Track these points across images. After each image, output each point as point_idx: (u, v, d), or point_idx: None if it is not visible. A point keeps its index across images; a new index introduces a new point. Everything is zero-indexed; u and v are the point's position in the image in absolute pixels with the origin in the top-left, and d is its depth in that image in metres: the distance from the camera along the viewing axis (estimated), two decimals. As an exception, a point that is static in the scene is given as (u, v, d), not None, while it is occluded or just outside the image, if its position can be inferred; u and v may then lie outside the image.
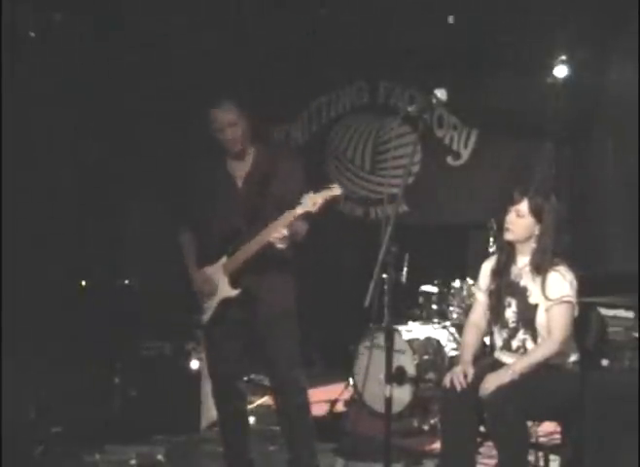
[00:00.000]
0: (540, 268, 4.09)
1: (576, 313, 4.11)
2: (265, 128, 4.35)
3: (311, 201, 4.05)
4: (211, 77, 7.10)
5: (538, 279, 4.09)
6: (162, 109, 7.02)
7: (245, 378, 5.89)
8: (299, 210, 4.08)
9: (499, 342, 4.24)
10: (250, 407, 5.55)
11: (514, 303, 4.16)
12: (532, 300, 4.10)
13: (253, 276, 4.29)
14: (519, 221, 4.13)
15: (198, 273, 4.40)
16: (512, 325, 4.17)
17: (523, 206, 4.13)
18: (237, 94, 4.37)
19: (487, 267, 4.33)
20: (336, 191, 4.06)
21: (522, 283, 4.15)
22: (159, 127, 7.05)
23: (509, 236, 4.17)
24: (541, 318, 4.08)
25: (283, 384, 4.44)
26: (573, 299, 4.06)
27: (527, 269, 4.15)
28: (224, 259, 4.33)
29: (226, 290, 4.32)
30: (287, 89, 7.37)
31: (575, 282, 4.08)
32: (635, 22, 5.81)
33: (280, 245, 4.16)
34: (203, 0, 6.74)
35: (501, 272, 4.22)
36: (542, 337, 4.09)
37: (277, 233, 4.13)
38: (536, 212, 4.11)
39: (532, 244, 4.14)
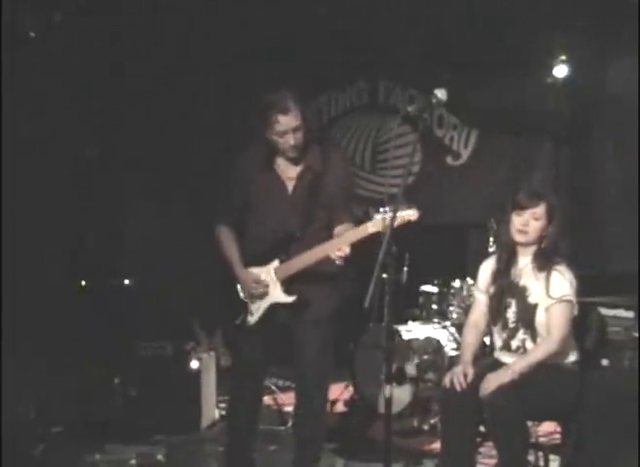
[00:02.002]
0: (544, 267, 4.08)
1: (575, 312, 4.11)
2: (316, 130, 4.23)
3: (384, 223, 3.84)
4: (211, 76, 7.12)
5: (540, 278, 4.08)
6: (163, 109, 7.03)
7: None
8: (370, 229, 3.96)
9: (499, 343, 4.24)
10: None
11: (513, 303, 4.16)
12: (532, 299, 4.10)
13: (306, 284, 4.24)
14: (536, 224, 4.10)
15: (246, 273, 4.31)
16: (511, 325, 4.16)
17: (541, 209, 4.10)
18: (299, 96, 4.23)
19: (486, 267, 4.32)
20: (413, 216, 3.85)
21: (522, 283, 4.14)
22: (160, 127, 7.06)
23: (522, 239, 4.13)
24: (540, 318, 4.07)
25: (311, 388, 4.42)
26: (572, 298, 4.06)
27: (527, 268, 4.14)
28: (275, 263, 4.25)
29: (279, 295, 4.26)
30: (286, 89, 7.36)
31: (574, 281, 4.07)
32: (635, 22, 5.81)
33: (339, 262, 4.11)
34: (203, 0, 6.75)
35: (502, 273, 4.21)
36: (541, 336, 4.09)
37: (341, 251, 4.05)
38: (551, 214, 4.11)
39: (536, 245, 4.14)
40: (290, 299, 4.25)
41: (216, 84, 7.16)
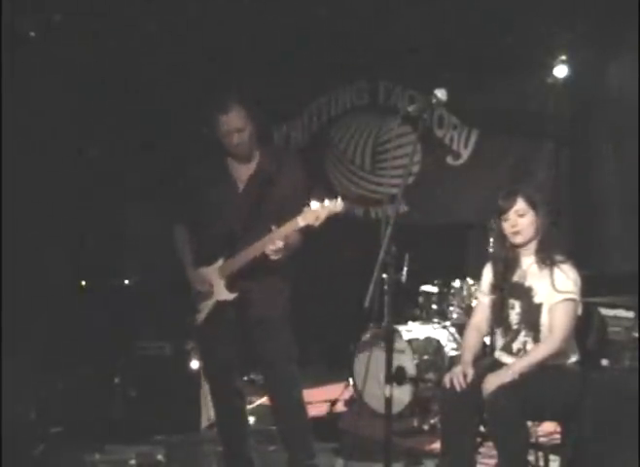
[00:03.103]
0: (545, 260, 4.08)
1: (580, 312, 4.10)
2: (268, 132, 4.31)
3: (314, 215, 4.00)
4: (211, 76, 7.12)
5: (544, 276, 4.07)
6: (164, 109, 7.03)
7: (245, 378, 5.92)
8: (300, 222, 4.05)
9: (500, 344, 4.24)
10: (250, 407, 5.56)
11: (517, 304, 4.15)
12: (537, 299, 4.09)
13: (248, 281, 4.29)
14: (523, 220, 4.11)
15: (194, 273, 4.39)
16: (514, 327, 4.16)
17: (521, 204, 4.12)
18: (244, 97, 4.32)
19: (490, 269, 4.32)
20: (338, 207, 4.00)
21: (527, 283, 4.13)
22: (160, 127, 7.06)
23: (519, 239, 4.14)
24: (545, 318, 4.06)
25: (277, 383, 4.45)
26: (576, 296, 4.05)
27: (532, 268, 4.13)
28: (220, 261, 4.32)
29: (222, 292, 4.32)
30: (287, 90, 7.37)
31: (579, 281, 4.06)
32: (635, 22, 5.80)
33: (274, 257, 4.16)
34: (204, 0, 6.74)
35: (503, 276, 4.21)
36: (544, 337, 4.08)
37: (273, 244, 4.12)
38: (533, 204, 4.12)
39: (534, 241, 4.15)
40: (232, 296, 4.31)
41: (216, 83, 7.16)
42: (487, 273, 4.32)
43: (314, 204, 4.00)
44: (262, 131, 4.39)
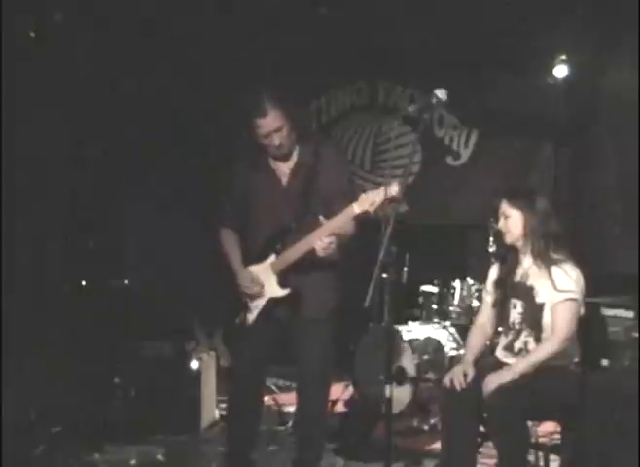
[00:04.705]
0: (541, 255, 4.09)
1: (582, 312, 4.11)
2: (304, 124, 4.24)
3: (368, 201, 3.93)
4: (211, 77, 7.12)
5: (544, 276, 4.08)
6: (164, 109, 7.03)
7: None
8: (356, 209, 3.99)
9: (502, 344, 4.24)
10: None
11: (519, 304, 4.16)
12: (539, 299, 4.10)
13: (300, 276, 4.24)
14: (509, 221, 4.17)
15: (245, 273, 4.32)
16: (516, 327, 4.16)
17: (504, 206, 4.18)
18: (278, 97, 4.27)
19: (496, 269, 4.33)
20: (393, 189, 3.83)
21: (529, 283, 4.15)
22: (160, 127, 7.07)
23: (508, 239, 4.19)
24: (547, 318, 4.07)
25: (307, 381, 4.43)
26: (577, 296, 4.06)
27: (533, 267, 4.15)
28: (272, 257, 4.27)
29: (274, 289, 4.27)
30: (287, 90, 7.35)
31: (581, 280, 4.08)
32: (635, 22, 5.81)
33: (322, 254, 4.11)
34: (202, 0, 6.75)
35: (506, 275, 4.22)
36: (546, 337, 4.07)
37: (321, 241, 4.06)
38: (518, 206, 4.15)
39: (526, 240, 4.16)
40: (284, 292, 4.26)
41: (216, 84, 7.16)
42: (493, 272, 4.34)
43: (369, 191, 3.94)
44: (298, 125, 4.34)
